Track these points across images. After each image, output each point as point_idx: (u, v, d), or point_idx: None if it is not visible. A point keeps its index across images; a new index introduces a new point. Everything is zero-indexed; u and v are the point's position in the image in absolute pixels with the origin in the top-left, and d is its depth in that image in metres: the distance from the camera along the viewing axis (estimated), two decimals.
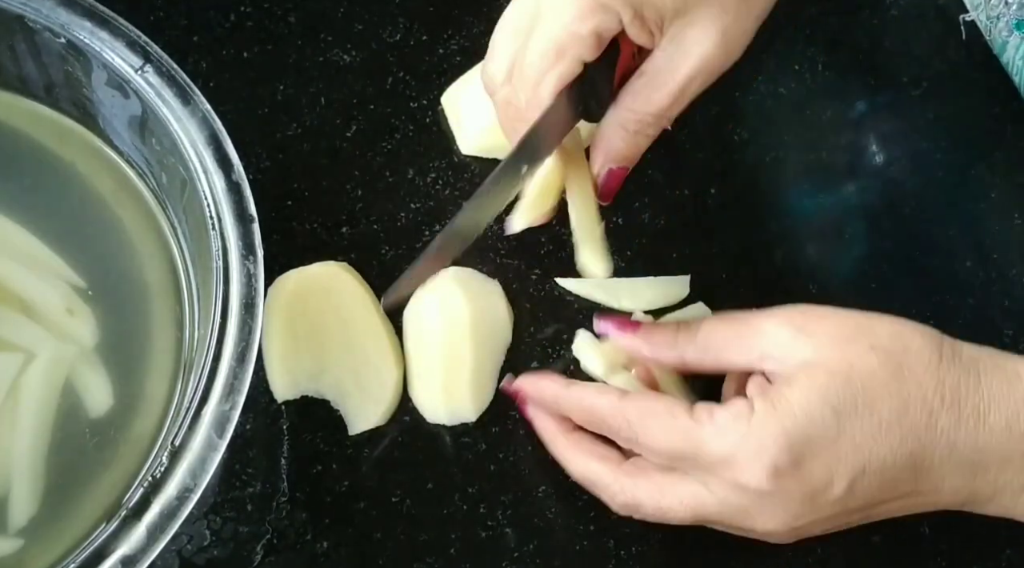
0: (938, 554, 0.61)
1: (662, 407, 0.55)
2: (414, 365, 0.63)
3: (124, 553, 0.50)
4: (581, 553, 0.61)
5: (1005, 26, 0.69)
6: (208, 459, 0.51)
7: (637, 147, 0.61)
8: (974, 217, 0.69)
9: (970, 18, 0.71)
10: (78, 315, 0.59)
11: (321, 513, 0.60)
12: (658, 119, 0.60)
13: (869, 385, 0.53)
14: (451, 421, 0.62)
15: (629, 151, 0.61)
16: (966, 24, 0.71)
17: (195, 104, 0.57)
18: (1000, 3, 0.69)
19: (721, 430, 0.53)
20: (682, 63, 0.58)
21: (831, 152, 0.70)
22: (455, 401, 0.62)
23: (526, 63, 0.57)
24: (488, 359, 0.63)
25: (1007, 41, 0.69)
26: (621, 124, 0.60)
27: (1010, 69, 0.70)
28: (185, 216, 0.59)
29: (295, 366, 0.62)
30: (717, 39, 0.57)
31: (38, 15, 0.58)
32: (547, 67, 0.57)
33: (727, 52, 0.58)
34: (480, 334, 0.62)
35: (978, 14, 0.70)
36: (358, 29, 0.71)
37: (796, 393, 0.53)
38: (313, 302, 0.62)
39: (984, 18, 0.70)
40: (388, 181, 0.68)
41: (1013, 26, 0.68)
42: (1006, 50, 0.70)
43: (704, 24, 0.57)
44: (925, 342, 0.54)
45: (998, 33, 0.70)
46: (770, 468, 0.52)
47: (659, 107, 0.59)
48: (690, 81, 0.58)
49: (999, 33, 0.70)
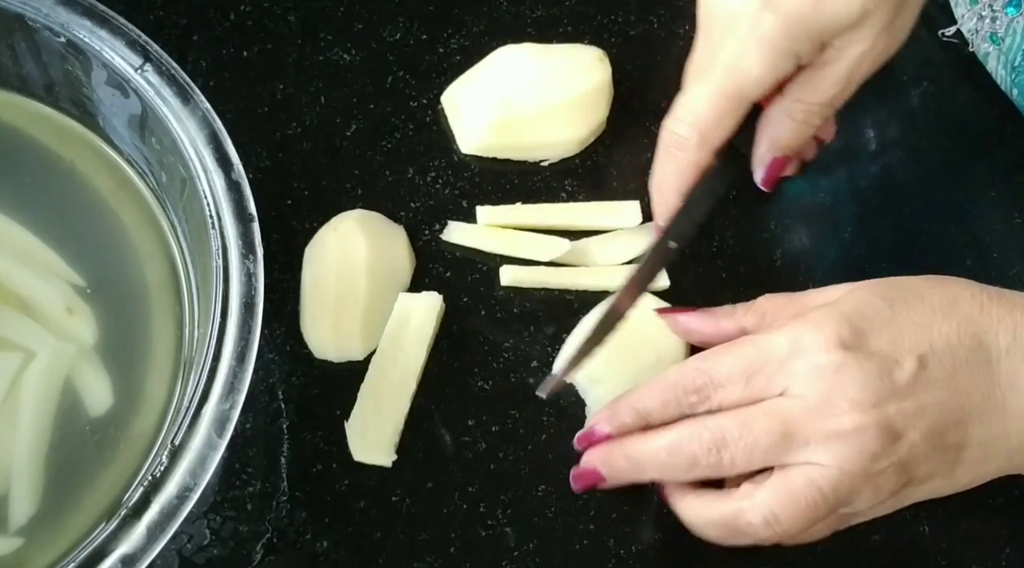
0: (938, 554, 0.61)
1: (725, 343, 0.57)
2: (308, 300, 0.64)
3: (124, 552, 0.50)
4: (581, 552, 0.61)
5: (983, 39, 0.69)
6: (208, 458, 0.51)
7: (801, 137, 0.62)
8: (974, 216, 0.69)
9: (951, 32, 0.71)
10: (78, 314, 0.59)
11: (321, 512, 0.60)
12: (824, 108, 0.61)
13: (914, 284, 0.56)
14: (338, 358, 0.63)
15: (795, 140, 0.62)
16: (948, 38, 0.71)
17: (195, 103, 0.57)
18: (975, 17, 0.69)
19: (783, 331, 0.55)
20: (850, 52, 0.59)
21: (830, 151, 0.70)
22: (344, 339, 0.63)
23: (701, 110, 0.59)
24: (382, 300, 0.64)
25: (988, 52, 0.70)
26: (789, 114, 0.61)
27: (996, 78, 0.70)
28: (185, 215, 0.59)
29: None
30: (883, 32, 0.58)
31: (38, 14, 0.58)
32: (728, 113, 0.59)
33: (893, 42, 0.60)
34: (376, 275, 0.64)
35: (960, 26, 0.71)
36: (358, 28, 0.71)
37: (845, 296, 0.56)
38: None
39: (965, 31, 0.71)
40: (388, 180, 0.68)
41: (989, 39, 0.69)
42: (988, 61, 0.70)
43: (873, 23, 0.58)
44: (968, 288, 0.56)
45: (978, 46, 0.70)
46: (835, 339, 0.54)
47: (827, 96, 0.60)
48: (856, 70, 0.59)
49: (979, 46, 0.70)
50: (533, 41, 0.70)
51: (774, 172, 0.63)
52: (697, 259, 0.66)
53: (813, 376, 0.54)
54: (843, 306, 0.55)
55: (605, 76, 0.68)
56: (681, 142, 0.60)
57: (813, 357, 0.54)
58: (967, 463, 0.55)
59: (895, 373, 0.54)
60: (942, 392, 0.54)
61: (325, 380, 0.63)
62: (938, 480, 0.56)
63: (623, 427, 0.57)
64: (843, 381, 0.53)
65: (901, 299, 0.55)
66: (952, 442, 0.55)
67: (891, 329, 0.54)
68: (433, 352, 0.64)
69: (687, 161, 0.60)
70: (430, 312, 0.64)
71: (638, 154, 0.67)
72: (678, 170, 0.60)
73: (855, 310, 0.55)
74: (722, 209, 0.68)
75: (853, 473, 0.53)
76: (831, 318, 0.54)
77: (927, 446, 0.54)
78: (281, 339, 0.64)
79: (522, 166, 0.68)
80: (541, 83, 0.68)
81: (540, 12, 0.72)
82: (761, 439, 0.54)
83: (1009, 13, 0.67)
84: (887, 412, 0.53)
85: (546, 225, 0.66)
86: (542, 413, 0.63)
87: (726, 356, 0.56)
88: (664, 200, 0.61)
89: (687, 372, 0.56)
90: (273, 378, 0.63)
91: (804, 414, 0.54)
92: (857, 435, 0.53)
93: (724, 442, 0.54)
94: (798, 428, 0.54)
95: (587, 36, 0.71)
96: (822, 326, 0.54)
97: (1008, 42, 0.67)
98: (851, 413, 0.53)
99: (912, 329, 0.54)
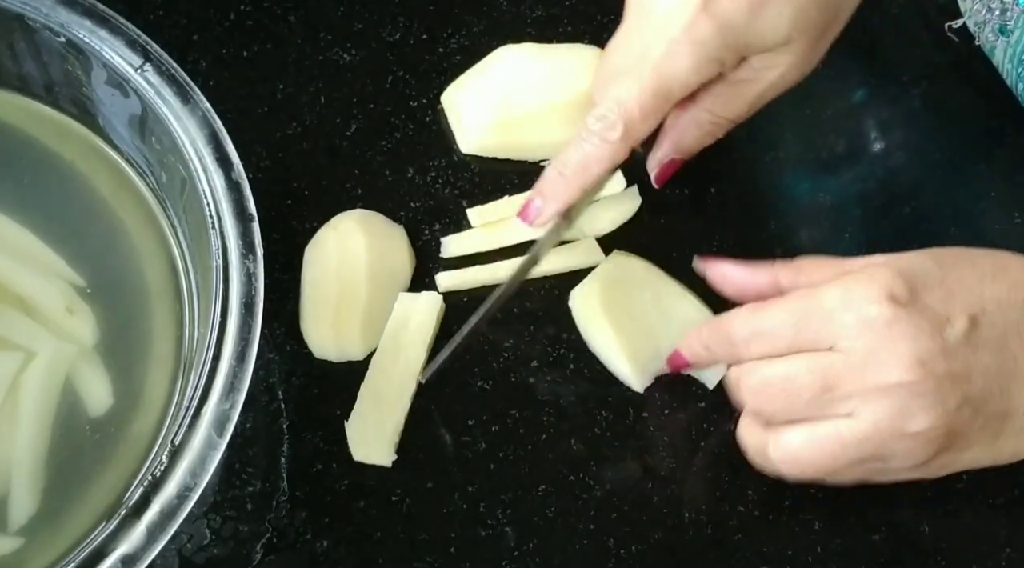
0: (938, 554, 0.61)
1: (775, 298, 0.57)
2: (308, 300, 0.64)
3: (124, 552, 0.50)
4: (581, 552, 0.61)
5: (991, 31, 0.69)
6: (208, 458, 0.51)
7: (703, 144, 0.64)
8: (974, 216, 0.69)
9: (958, 25, 0.71)
10: (78, 314, 0.59)
11: (321, 512, 0.60)
12: (730, 122, 0.63)
13: (963, 251, 0.57)
14: (338, 358, 0.63)
15: (695, 146, 0.65)
16: (955, 31, 0.71)
17: (195, 103, 0.57)
18: (984, 9, 0.69)
19: (835, 283, 0.55)
20: (767, 75, 0.61)
21: (830, 151, 0.70)
22: (344, 338, 0.63)
23: (631, 105, 0.59)
24: (382, 300, 0.64)
25: (995, 45, 0.70)
26: (696, 122, 0.63)
27: (1001, 72, 0.70)
28: (185, 215, 0.59)
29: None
30: (800, 64, 0.61)
31: (38, 14, 0.58)
32: (653, 111, 0.60)
33: (804, 72, 0.62)
34: (376, 275, 0.64)
35: (967, 19, 0.71)
36: (358, 28, 0.71)
37: (894, 257, 0.56)
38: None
39: (972, 24, 0.71)
40: (388, 180, 0.68)
41: (997, 30, 0.69)
42: (995, 54, 0.70)
43: (792, 50, 0.60)
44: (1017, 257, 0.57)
45: (985, 38, 0.70)
46: (887, 293, 0.53)
47: (736, 113, 0.63)
48: (767, 94, 0.62)
49: (986, 38, 0.70)
50: (533, 41, 0.70)
51: (669, 172, 0.66)
52: None
53: (864, 329, 0.54)
54: (896, 263, 0.55)
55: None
56: (605, 134, 0.60)
57: (864, 309, 0.54)
58: (1010, 433, 0.55)
59: (946, 331, 0.53)
60: (991, 356, 0.54)
61: (325, 380, 0.63)
62: (979, 449, 0.55)
63: (697, 357, 0.59)
64: (893, 335, 0.53)
65: (951, 262, 0.56)
66: (996, 410, 0.54)
67: (943, 288, 0.54)
68: (433, 352, 0.64)
69: (608, 153, 0.60)
70: (430, 312, 0.64)
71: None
72: (595, 159, 0.60)
73: (907, 268, 0.55)
74: (722, 209, 0.68)
75: (885, 430, 0.53)
76: (885, 273, 0.54)
77: (970, 411, 0.54)
78: (281, 339, 0.64)
79: (522, 166, 0.68)
80: (541, 83, 0.68)
81: (540, 12, 0.72)
82: (803, 393, 0.54)
83: (1021, 4, 0.67)
84: (935, 371, 0.53)
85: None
86: (542, 413, 0.63)
87: (775, 307, 0.56)
88: (567, 187, 0.61)
89: (735, 320, 0.57)
90: (273, 378, 0.63)
91: (849, 369, 0.54)
92: (899, 391, 0.53)
93: (767, 394, 0.55)
94: (841, 383, 0.54)
95: (587, 36, 0.71)
96: (874, 279, 0.54)
97: (1017, 35, 0.67)
98: (897, 368, 0.53)
99: (964, 289, 0.54)
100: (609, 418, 0.63)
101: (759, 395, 0.56)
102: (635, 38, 0.61)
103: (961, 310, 0.54)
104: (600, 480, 0.62)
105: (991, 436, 0.55)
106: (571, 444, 0.62)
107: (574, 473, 0.62)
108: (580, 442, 0.62)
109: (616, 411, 0.63)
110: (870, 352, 0.53)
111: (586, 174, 0.61)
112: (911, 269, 0.55)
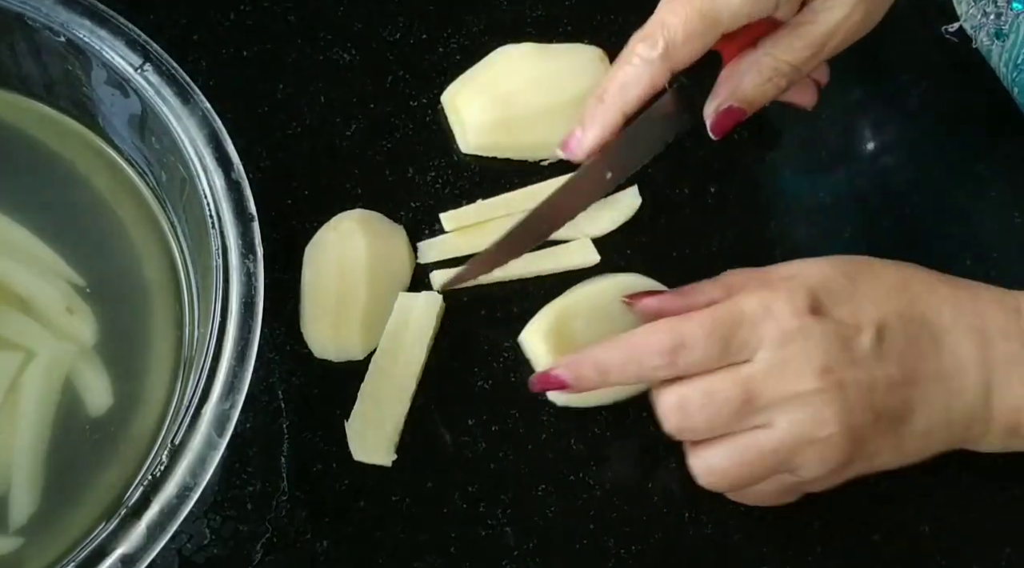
0: (938, 554, 0.61)
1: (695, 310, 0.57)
2: (308, 300, 0.64)
3: (124, 552, 0.50)
4: (581, 552, 0.61)
5: (986, 35, 0.69)
6: (208, 458, 0.51)
7: (763, 94, 0.62)
8: (974, 216, 0.69)
9: (954, 28, 0.71)
10: (78, 314, 0.59)
11: (321, 512, 0.60)
12: (793, 69, 0.61)
13: (870, 263, 0.58)
14: (338, 358, 0.63)
15: (754, 95, 0.62)
16: (951, 34, 0.71)
17: (195, 103, 0.57)
18: (979, 13, 0.69)
19: (754, 295, 0.56)
20: (828, 19, 0.60)
21: (830, 152, 0.70)
22: (344, 338, 0.63)
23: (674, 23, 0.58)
24: (382, 300, 0.64)
25: (991, 49, 0.70)
26: (757, 67, 0.61)
27: (998, 74, 0.70)
28: (185, 215, 0.59)
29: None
30: (866, 6, 0.60)
31: (38, 14, 0.58)
32: (698, 34, 0.58)
33: (869, 17, 0.61)
34: (376, 275, 0.64)
35: (963, 22, 0.71)
36: (358, 28, 0.71)
37: (809, 269, 0.57)
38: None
39: (969, 27, 0.71)
40: (388, 180, 0.68)
41: (992, 34, 0.69)
42: (991, 57, 0.70)
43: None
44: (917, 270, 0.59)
45: (980, 42, 0.70)
46: (803, 306, 0.55)
47: (799, 57, 0.61)
48: (831, 38, 0.60)
49: (982, 41, 0.70)
50: (533, 41, 0.70)
51: (727, 121, 0.62)
52: (697, 259, 0.66)
53: (783, 340, 0.55)
54: (810, 278, 0.57)
55: (605, 76, 0.68)
56: (646, 53, 0.59)
57: (782, 322, 0.55)
58: (912, 437, 0.56)
59: (854, 342, 0.55)
60: (894, 367, 0.56)
61: (325, 380, 0.63)
62: (886, 455, 0.57)
63: (582, 379, 0.58)
64: (808, 347, 0.55)
65: (860, 275, 0.57)
66: (898, 416, 0.56)
67: (853, 301, 0.56)
68: (433, 352, 0.64)
69: (646, 73, 0.59)
70: (430, 312, 0.64)
71: None
72: (633, 79, 0.59)
73: (821, 283, 0.56)
74: (722, 208, 0.68)
75: (799, 436, 0.55)
76: (801, 287, 0.56)
77: (874, 417, 0.55)
78: (281, 339, 0.64)
79: (522, 166, 0.68)
80: (541, 83, 0.68)
81: (540, 12, 0.72)
82: (724, 408, 0.55)
83: (1015, 8, 0.67)
84: (843, 380, 0.55)
85: (515, 212, 0.66)
86: (542, 413, 0.63)
87: (695, 318, 0.56)
88: (606, 111, 0.60)
89: (656, 332, 0.56)
90: (273, 378, 0.63)
91: (767, 379, 0.55)
92: (811, 399, 0.54)
93: (687, 413, 0.55)
94: (759, 394, 0.55)
95: (587, 36, 0.71)
96: (792, 294, 0.56)
97: (1012, 39, 0.67)
98: (810, 377, 0.54)
99: (871, 303, 0.56)
100: (609, 418, 0.63)
101: (678, 413, 0.56)
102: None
103: (869, 322, 0.56)
104: (600, 480, 0.62)
105: (896, 440, 0.56)
106: (571, 444, 0.62)
107: (574, 473, 0.62)
108: (580, 442, 0.62)
109: (616, 411, 0.63)
110: (785, 362, 0.55)
111: (624, 96, 0.60)
112: (825, 284, 0.57)
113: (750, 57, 0.61)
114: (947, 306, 0.57)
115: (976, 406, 0.57)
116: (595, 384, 0.58)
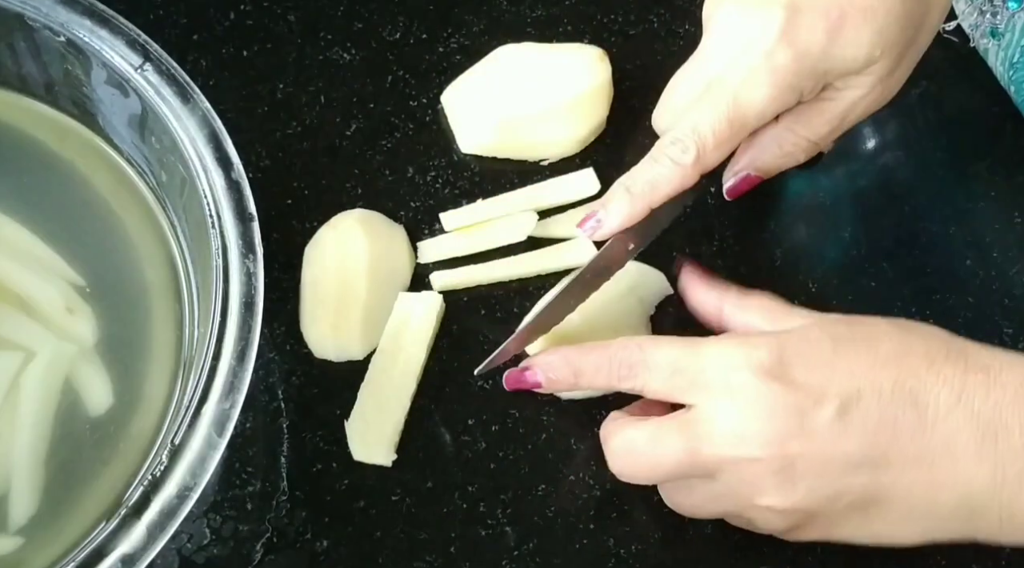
0: (938, 554, 0.61)
1: (673, 337, 0.57)
2: (308, 300, 0.64)
3: (124, 552, 0.50)
4: (581, 552, 0.61)
5: (982, 34, 0.69)
6: (208, 458, 0.51)
7: (780, 165, 0.63)
8: (974, 215, 0.69)
9: (951, 27, 0.71)
10: (78, 313, 0.59)
11: (321, 512, 0.60)
12: (811, 145, 0.62)
13: (873, 331, 0.55)
14: (338, 358, 0.63)
15: (774, 166, 0.63)
16: (949, 33, 0.71)
17: (195, 102, 0.57)
18: (975, 12, 0.69)
19: (719, 343, 0.55)
20: (848, 97, 0.60)
21: (830, 151, 0.70)
22: (344, 338, 0.63)
23: (705, 131, 0.59)
24: (382, 300, 0.64)
25: (988, 48, 0.70)
26: (776, 140, 0.61)
27: (996, 74, 0.70)
28: (185, 214, 0.59)
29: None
30: (883, 84, 0.60)
31: (38, 13, 0.58)
32: (727, 139, 0.59)
33: (887, 92, 0.61)
34: (376, 275, 0.64)
35: (961, 21, 0.71)
36: (358, 27, 0.71)
37: (797, 328, 0.55)
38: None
39: (966, 26, 0.71)
40: (388, 180, 0.68)
41: (989, 33, 0.69)
42: (988, 56, 0.70)
43: (874, 71, 0.59)
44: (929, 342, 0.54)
45: (977, 41, 0.70)
46: (756, 363, 0.53)
47: (818, 133, 0.61)
48: (849, 114, 0.61)
49: (979, 40, 0.70)
50: (533, 41, 0.70)
51: (744, 187, 0.63)
52: (697, 259, 0.66)
53: (724, 394, 0.54)
54: (787, 336, 0.55)
55: (605, 76, 0.68)
56: (678, 157, 0.59)
57: (730, 375, 0.54)
58: (886, 522, 0.54)
59: (810, 413, 0.52)
60: (855, 444, 0.52)
61: (325, 380, 0.63)
62: (851, 528, 0.55)
63: (555, 381, 0.59)
64: (756, 409, 0.53)
65: (849, 341, 0.54)
66: (859, 498, 0.53)
67: (827, 367, 0.53)
68: (433, 352, 0.64)
69: (676, 175, 0.59)
70: (430, 312, 0.64)
71: (638, 153, 0.67)
72: (664, 179, 0.60)
73: (795, 344, 0.54)
74: (722, 209, 0.68)
75: (740, 498, 0.55)
76: (767, 344, 0.54)
77: (830, 494, 0.53)
78: (281, 339, 0.64)
79: (522, 166, 0.68)
80: (541, 83, 0.68)
81: (540, 12, 0.72)
82: (666, 460, 0.55)
83: (1010, 8, 0.67)
84: (787, 452, 0.53)
85: (510, 213, 0.67)
86: (542, 413, 0.63)
87: (666, 346, 0.56)
88: (634, 203, 0.60)
89: (628, 347, 0.57)
90: (273, 377, 0.63)
91: (710, 436, 0.54)
92: (750, 466, 0.53)
93: (630, 458, 0.56)
94: (703, 448, 0.54)
95: (587, 36, 0.71)
96: (756, 349, 0.54)
97: (1008, 38, 0.67)
98: (752, 444, 0.53)
99: (848, 373, 0.53)
100: None
101: (624, 458, 0.56)
102: (712, 65, 0.60)
103: (836, 393, 0.52)
104: (600, 480, 0.62)
105: (862, 520, 0.54)
106: (571, 444, 0.62)
107: (574, 473, 0.62)
108: (580, 442, 0.62)
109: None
110: (728, 420, 0.53)
111: (653, 194, 0.60)
112: (799, 346, 0.54)
113: (772, 131, 0.61)
114: (947, 388, 0.52)
115: (981, 501, 0.53)
116: (568, 386, 0.59)
